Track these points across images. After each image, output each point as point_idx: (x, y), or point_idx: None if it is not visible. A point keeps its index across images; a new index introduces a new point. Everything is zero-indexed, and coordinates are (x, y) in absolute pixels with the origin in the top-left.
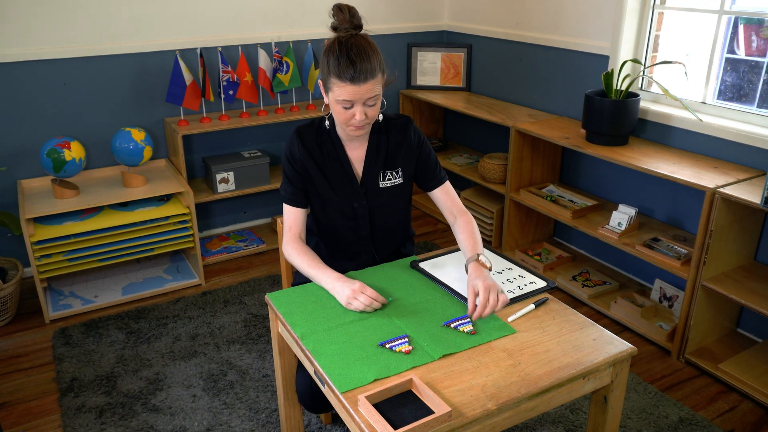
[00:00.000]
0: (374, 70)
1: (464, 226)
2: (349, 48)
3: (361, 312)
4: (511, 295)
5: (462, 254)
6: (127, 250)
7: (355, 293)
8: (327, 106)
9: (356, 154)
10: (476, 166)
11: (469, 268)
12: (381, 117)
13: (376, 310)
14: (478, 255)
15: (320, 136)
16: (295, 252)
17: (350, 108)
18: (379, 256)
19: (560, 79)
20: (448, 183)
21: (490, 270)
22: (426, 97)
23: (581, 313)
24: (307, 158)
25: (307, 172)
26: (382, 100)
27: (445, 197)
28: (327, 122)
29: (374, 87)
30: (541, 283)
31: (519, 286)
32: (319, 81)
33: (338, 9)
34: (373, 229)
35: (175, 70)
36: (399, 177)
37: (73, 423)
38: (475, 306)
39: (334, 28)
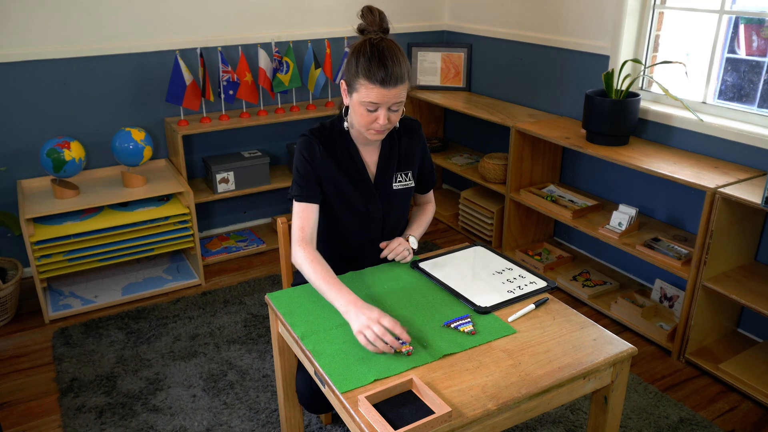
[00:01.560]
0: (404, 76)
1: (422, 212)
2: (381, 50)
3: (373, 347)
4: (511, 295)
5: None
6: (127, 250)
7: (371, 321)
8: (343, 107)
9: (370, 156)
10: (476, 166)
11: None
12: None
13: (391, 350)
14: (410, 235)
15: (333, 139)
16: (307, 259)
17: (374, 111)
18: (382, 258)
19: (560, 79)
20: None
21: (411, 252)
22: (426, 97)
23: (581, 313)
24: (326, 155)
25: (325, 173)
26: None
27: (428, 195)
28: (346, 123)
29: (401, 92)
30: (541, 283)
31: (519, 287)
32: (342, 81)
33: (368, 11)
34: (383, 232)
35: (175, 70)
36: (410, 179)
37: (73, 423)
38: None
39: (361, 31)
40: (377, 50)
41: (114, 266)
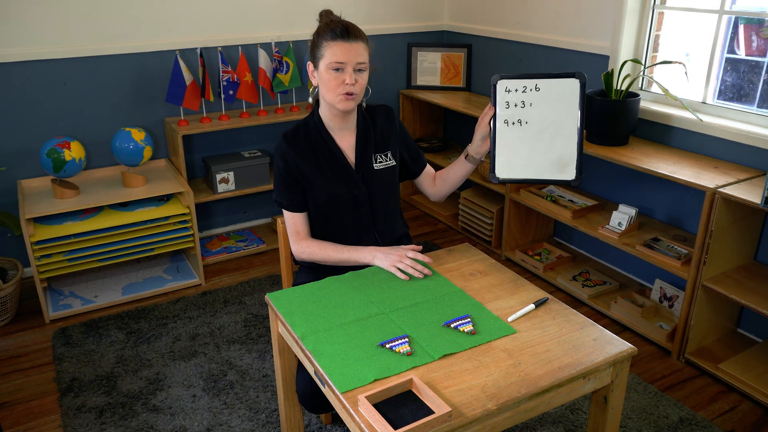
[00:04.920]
0: (363, 36)
1: (444, 169)
2: (335, 19)
3: (404, 275)
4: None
5: (466, 153)
6: (127, 250)
7: (401, 256)
8: (310, 105)
9: (346, 142)
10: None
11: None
12: (365, 104)
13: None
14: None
15: (308, 134)
16: (316, 248)
17: (341, 71)
18: (382, 243)
19: None
20: None
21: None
22: (426, 97)
23: (581, 313)
24: (300, 159)
25: (301, 173)
26: (367, 87)
27: (430, 171)
28: (320, 109)
29: (363, 52)
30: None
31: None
32: (308, 64)
33: (324, 12)
34: (375, 216)
35: (175, 70)
36: (390, 159)
37: (73, 423)
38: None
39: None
40: (334, 19)
41: (114, 266)
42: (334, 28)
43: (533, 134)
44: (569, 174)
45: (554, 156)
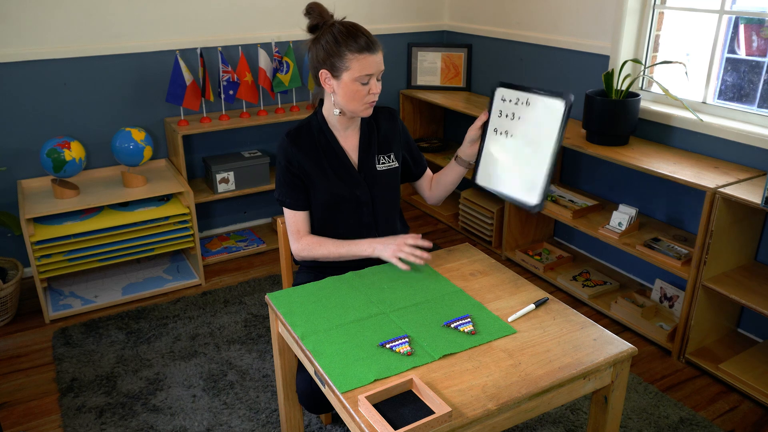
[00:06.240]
0: (380, 44)
1: (440, 172)
2: (352, 25)
3: (405, 266)
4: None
5: (457, 159)
6: (127, 250)
7: (400, 245)
8: (312, 105)
9: (350, 143)
10: None
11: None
12: None
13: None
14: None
15: (311, 133)
16: (315, 244)
17: (367, 83)
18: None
19: (560, 79)
20: None
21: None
22: (426, 97)
23: (581, 313)
24: (303, 158)
25: (303, 172)
26: None
27: (429, 174)
28: (325, 112)
29: (382, 59)
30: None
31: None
32: (322, 72)
33: (316, 5)
34: (376, 216)
35: (175, 70)
36: (393, 161)
37: (73, 423)
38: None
39: (314, 27)
40: (349, 26)
41: (114, 266)
42: (357, 37)
43: (515, 149)
44: (533, 198)
45: (527, 176)
